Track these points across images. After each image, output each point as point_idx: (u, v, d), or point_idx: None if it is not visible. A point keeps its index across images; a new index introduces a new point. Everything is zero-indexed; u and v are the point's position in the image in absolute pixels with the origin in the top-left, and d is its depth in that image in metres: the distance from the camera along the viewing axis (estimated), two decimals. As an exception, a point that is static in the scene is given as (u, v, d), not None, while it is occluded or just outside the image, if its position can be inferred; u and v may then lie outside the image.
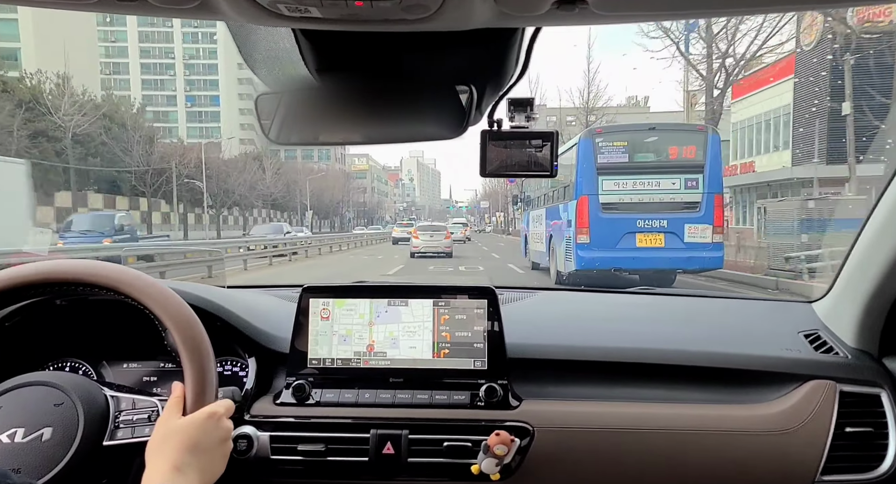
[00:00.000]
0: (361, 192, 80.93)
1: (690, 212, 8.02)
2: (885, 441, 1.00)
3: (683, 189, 8.10)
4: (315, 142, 0.86)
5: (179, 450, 0.75)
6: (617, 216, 8.06)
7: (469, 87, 0.77)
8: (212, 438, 0.79)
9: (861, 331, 1.10)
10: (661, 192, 8.13)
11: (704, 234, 7.93)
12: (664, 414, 1.03)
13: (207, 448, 0.78)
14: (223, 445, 0.81)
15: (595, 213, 8.03)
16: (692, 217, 8.01)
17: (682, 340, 1.15)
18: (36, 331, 1.11)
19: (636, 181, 8.16)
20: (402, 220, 77.72)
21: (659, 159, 8.37)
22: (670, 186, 8.13)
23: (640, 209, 8.09)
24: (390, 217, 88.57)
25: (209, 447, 0.79)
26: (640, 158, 8.38)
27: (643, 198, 8.14)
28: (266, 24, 0.63)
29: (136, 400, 0.88)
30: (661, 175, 8.16)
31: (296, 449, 1.00)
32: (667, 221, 7.99)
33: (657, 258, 7.97)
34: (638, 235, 8.01)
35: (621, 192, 8.14)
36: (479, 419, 1.02)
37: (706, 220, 7.99)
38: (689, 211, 8.02)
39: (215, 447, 0.80)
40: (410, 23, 0.52)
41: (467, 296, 1.10)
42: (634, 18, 0.58)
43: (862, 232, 1.07)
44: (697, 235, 7.94)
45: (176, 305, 0.85)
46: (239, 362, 1.14)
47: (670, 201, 8.09)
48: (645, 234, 8.01)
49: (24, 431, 0.78)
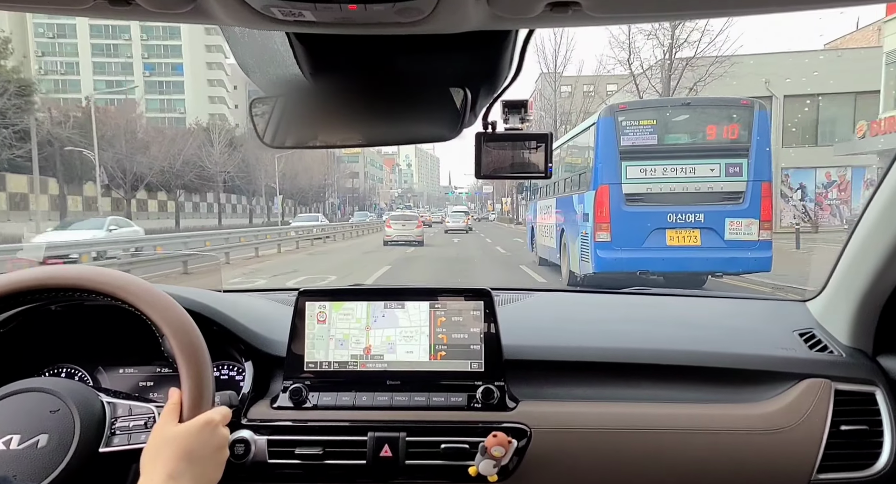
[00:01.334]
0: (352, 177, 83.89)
1: (732, 204, 7.97)
2: (880, 439, 1.24)
3: (724, 176, 8.04)
4: (309, 145, 1.02)
5: (174, 458, 0.88)
6: (643, 209, 8.05)
7: (463, 90, 0.92)
8: (207, 446, 0.92)
9: (855, 329, 1.34)
10: (697, 180, 8.08)
11: (749, 231, 7.89)
12: (660, 414, 1.26)
13: (203, 456, 0.91)
14: (219, 454, 0.95)
15: (617, 206, 8.02)
16: (735, 210, 7.94)
17: (678, 340, 1.39)
18: (31, 337, 1.32)
19: (667, 167, 8.12)
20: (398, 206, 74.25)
21: (694, 141, 8.32)
22: (708, 173, 8.07)
23: (672, 201, 8.05)
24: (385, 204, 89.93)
25: (205, 456, 0.91)
26: (672, 140, 8.33)
27: (675, 187, 8.10)
28: (260, 28, 0.74)
29: (133, 406, 1.02)
30: (696, 160, 8.10)
31: (293, 453, 1.22)
32: (704, 215, 7.96)
33: (692, 259, 7.94)
34: (668, 232, 8.00)
35: (649, 181, 8.12)
36: (477, 421, 1.24)
37: (751, 213, 7.90)
38: (731, 203, 7.98)
39: (211, 456, 0.93)
40: (404, 26, 0.61)
41: (463, 298, 1.32)
42: (628, 20, 0.68)
43: (855, 231, 1.30)
44: (741, 232, 7.89)
45: (173, 311, 1.01)
46: (236, 366, 1.37)
47: (708, 191, 8.04)
48: (677, 231, 7.99)
49: (20, 438, 0.91)
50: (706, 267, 8.23)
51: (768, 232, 8.07)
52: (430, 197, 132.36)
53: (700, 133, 8.40)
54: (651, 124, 8.28)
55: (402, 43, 0.76)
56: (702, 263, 8.08)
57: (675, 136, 8.47)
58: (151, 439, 0.93)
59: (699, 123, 8.42)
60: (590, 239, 8.29)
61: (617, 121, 8.23)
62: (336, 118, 0.99)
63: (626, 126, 8.23)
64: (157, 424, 0.95)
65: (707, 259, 8.02)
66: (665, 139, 8.36)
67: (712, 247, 7.96)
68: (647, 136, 8.26)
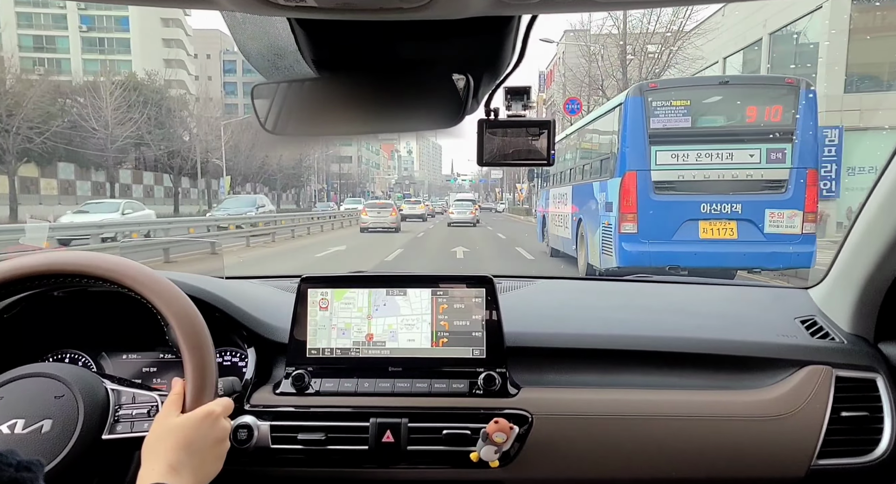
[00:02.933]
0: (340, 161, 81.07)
1: (774, 193, 7.90)
2: (880, 425, 1.38)
3: (765, 163, 7.95)
4: (311, 132, 1.09)
5: (176, 449, 0.96)
6: (674, 199, 8.00)
7: (465, 76, 0.94)
8: (208, 437, 1.01)
9: (857, 316, 1.48)
10: (735, 166, 8.00)
11: (792, 223, 7.82)
12: (661, 401, 1.40)
13: (203, 448, 0.99)
14: (219, 446, 1.04)
15: (645, 195, 7.97)
16: (776, 200, 7.87)
17: (679, 327, 1.54)
18: (35, 322, 1.47)
19: (701, 153, 8.02)
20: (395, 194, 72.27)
21: (732, 123, 8.28)
22: (747, 159, 7.98)
23: (706, 189, 7.96)
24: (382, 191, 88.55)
25: (205, 447, 1.00)
26: (707, 122, 8.30)
27: (710, 174, 8.01)
28: (261, 14, 0.78)
29: (137, 394, 1.13)
30: (734, 144, 8.00)
31: (296, 438, 1.36)
32: (741, 206, 7.89)
33: (727, 254, 7.88)
34: (702, 224, 7.92)
35: (681, 167, 8.04)
36: (478, 407, 1.39)
37: (795, 204, 7.84)
38: (773, 192, 7.90)
39: (211, 447, 1.01)
40: (406, 11, 0.64)
41: (465, 285, 1.47)
42: (632, 5, 0.72)
43: (858, 218, 1.44)
44: (783, 224, 7.82)
45: (177, 299, 1.13)
46: (238, 353, 1.52)
47: (747, 179, 7.95)
48: (711, 223, 7.92)
49: (25, 423, 1.00)
50: (743, 263, 8.18)
51: (812, 225, 7.97)
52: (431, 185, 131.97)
53: (739, 115, 8.33)
54: (685, 105, 8.19)
55: (404, 29, 0.83)
56: (738, 258, 8.02)
57: (711, 118, 8.44)
58: (153, 429, 1.01)
59: (738, 104, 8.32)
60: (613, 230, 8.25)
61: (646, 101, 8.14)
62: (338, 105, 1.05)
63: (657, 107, 8.13)
64: (159, 414, 1.04)
65: (744, 254, 7.95)
66: (699, 121, 8.31)
67: (751, 240, 7.88)
68: (680, 117, 8.16)
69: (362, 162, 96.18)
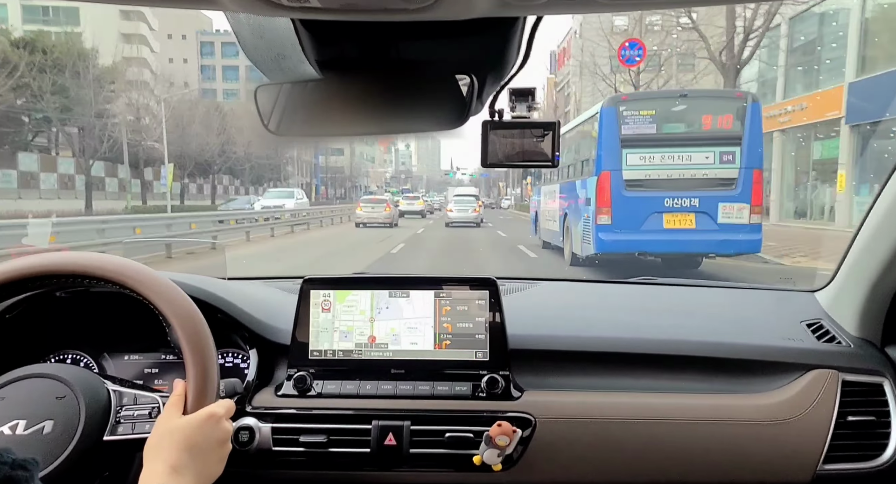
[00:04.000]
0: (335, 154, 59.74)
1: (726, 189, 7.78)
2: (888, 430, 1.10)
3: (718, 164, 7.84)
4: (314, 133, 0.91)
5: (177, 450, 0.81)
6: (642, 194, 7.90)
7: (470, 77, 0.82)
8: (210, 439, 0.85)
9: (864, 320, 1.19)
10: (693, 167, 7.92)
11: (741, 215, 7.76)
12: (666, 404, 1.12)
13: (205, 450, 0.84)
14: (221, 448, 0.87)
15: (618, 191, 7.87)
16: (728, 195, 7.76)
17: (684, 331, 1.25)
18: (37, 322, 1.21)
19: (664, 155, 7.94)
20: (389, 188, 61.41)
21: (690, 130, 8.18)
22: (703, 161, 7.89)
23: (669, 186, 7.87)
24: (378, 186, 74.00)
25: (207, 449, 0.84)
26: (670, 129, 8.18)
27: (672, 174, 7.94)
28: (265, 15, 0.67)
29: (138, 396, 0.94)
30: (692, 148, 7.91)
31: (297, 440, 1.11)
32: (699, 200, 7.80)
33: (687, 241, 7.84)
34: (665, 216, 7.85)
35: (648, 168, 7.95)
36: (481, 410, 1.12)
37: (743, 198, 7.73)
38: (725, 188, 7.79)
39: (213, 449, 0.86)
40: (410, 12, 0.55)
41: (468, 287, 1.19)
42: (639, 6, 0.61)
43: (865, 221, 1.15)
44: (733, 216, 7.77)
45: (179, 300, 0.92)
46: (240, 354, 1.25)
47: (703, 177, 7.85)
48: (673, 215, 7.85)
49: (26, 424, 0.85)
50: (700, 248, 8.13)
51: (758, 216, 7.94)
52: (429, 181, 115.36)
53: (696, 123, 8.24)
54: (651, 114, 8.11)
55: (408, 30, 0.71)
56: (696, 244, 7.97)
57: (673, 125, 8.31)
58: (155, 430, 0.85)
59: (696, 113, 8.25)
60: (591, 222, 8.18)
61: (619, 111, 8.05)
62: (342, 107, 0.88)
63: (627, 116, 8.05)
64: (161, 416, 0.87)
65: (702, 241, 7.89)
66: (663, 128, 8.20)
67: (706, 230, 7.81)
68: (647, 125, 8.09)
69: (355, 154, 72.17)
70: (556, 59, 39.17)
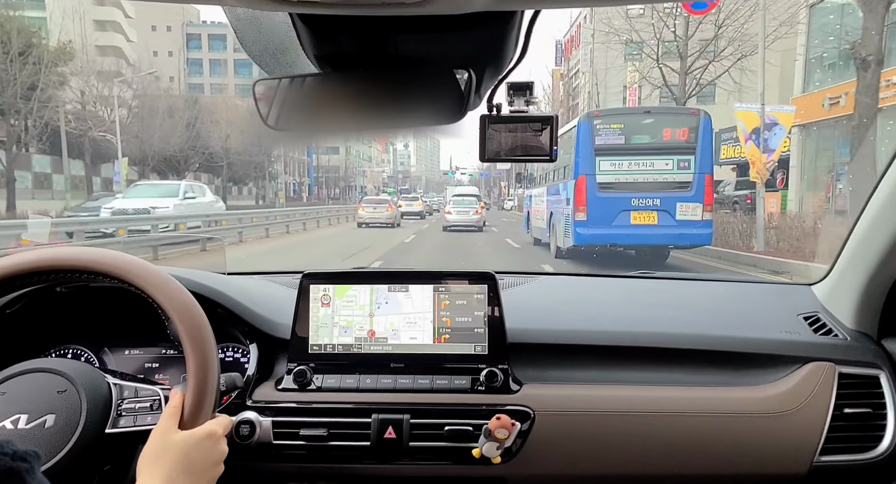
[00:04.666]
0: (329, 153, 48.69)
1: (682, 191, 8.07)
2: (884, 422, 0.97)
3: (676, 169, 8.14)
4: (312, 128, 0.79)
5: (173, 468, 0.71)
6: (613, 195, 8.08)
7: (468, 72, 0.71)
8: (207, 460, 0.75)
9: (860, 313, 1.06)
10: (655, 172, 8.17)
11: (695, 212, 8.05)
12: (664, 397, 0.99)
13: (200, 470, 0.74)
14: (215, 468, 0.77)
15: (592, 192, 8.06)
16: (684, 196, 8.07)
17: (682, 324, 1.11)
18: (37, 317, 1.06)
19: (631, 162, 8.19)
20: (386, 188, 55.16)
21: (653, 141, 8.36)
22: (664, 167, 8.17)
23: (635, 188, 8.11)
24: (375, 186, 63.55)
25: (202, 469, 0.75)
26: (636, 140, 8.36)
27: (638, 178, 8.16)
28: (263, 9, 0.59)
29: (139, 389, 0.84)
30: (655, 156, 8.19)
31: (298, 434, 0.97)
32: (660, 200, 8.04)
33: (650, 235, 8.04)
34: (633, 213, 8.05)
35: (617, 172, 8.16)
36: (480, 403, 0.98)
37: (697, 198, 8.04)
38: (681, 190, 8.07)
39: (208, 469, 0.76)
40: (408, 6, 0.49)
41: (467, 281, 1.05)
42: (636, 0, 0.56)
43: (862, 214, 1.01)
44: (689, 213, 8.05)
45: (180, 296, 0.81)
46: (240, 348, 1.10)
47: (663, 181, 8.13)
48: (639, 212, 8.06)
49: (28, 418, 0.75)
50: (662, 241, 8.28)
51: (710, 213, 8.23)
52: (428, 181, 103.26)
53: (658, 135, 8.41)
54: (620, 127, 8.31)
55: (406, 24, 0.63)
56: (658, 237, 8.13)
57: (639, 137, 8.44)
58: (151, 441, 0.75)
59: (658, 127, 8.46)
60: (571, 218, 8.34)
61: (593, 124, 8.28)
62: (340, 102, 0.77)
63: (601, 128, 8.23)
64: (157, 427, 0.76)
65: (662, 235, 8.07)
66: (631, 139, 8.36)
67: (666, 225, 8.03)
68: (617, 136, 8.27)
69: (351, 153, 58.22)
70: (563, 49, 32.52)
